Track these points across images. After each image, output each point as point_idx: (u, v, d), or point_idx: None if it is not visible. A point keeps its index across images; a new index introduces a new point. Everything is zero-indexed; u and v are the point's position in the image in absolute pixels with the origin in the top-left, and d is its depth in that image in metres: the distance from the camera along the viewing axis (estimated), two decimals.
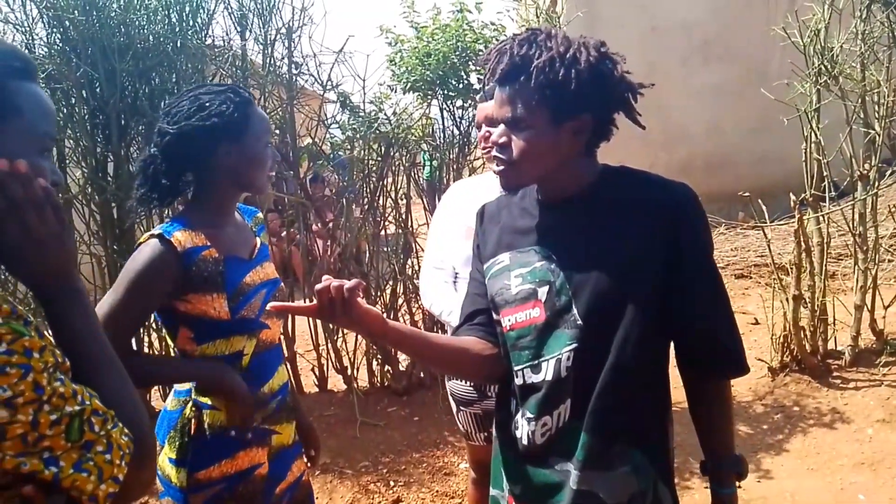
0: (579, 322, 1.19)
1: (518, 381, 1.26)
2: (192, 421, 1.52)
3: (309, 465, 1.81)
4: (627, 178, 1.27)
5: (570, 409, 1.21)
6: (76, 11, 3.21)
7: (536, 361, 1.23)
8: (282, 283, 1.71)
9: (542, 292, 1.23)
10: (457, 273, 2.11)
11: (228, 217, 1.61)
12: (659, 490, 1.24)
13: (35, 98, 0.90)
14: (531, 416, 1.24)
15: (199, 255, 1.47)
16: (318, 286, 1.12)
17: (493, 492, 1.39)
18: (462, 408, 2.18)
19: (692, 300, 1.21)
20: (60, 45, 3.34)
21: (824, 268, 3.73)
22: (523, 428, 1.26)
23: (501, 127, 1.22)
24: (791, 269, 3.72)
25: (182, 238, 1.47)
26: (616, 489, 1.19)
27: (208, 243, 1.50)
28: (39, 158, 0.89)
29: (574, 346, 1.19)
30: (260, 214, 1.79)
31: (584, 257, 1.21)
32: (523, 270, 1.26)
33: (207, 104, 1.50)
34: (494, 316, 1.32)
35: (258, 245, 1.67)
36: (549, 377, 1.21)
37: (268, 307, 1.20)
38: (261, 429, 1.59)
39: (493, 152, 1.24)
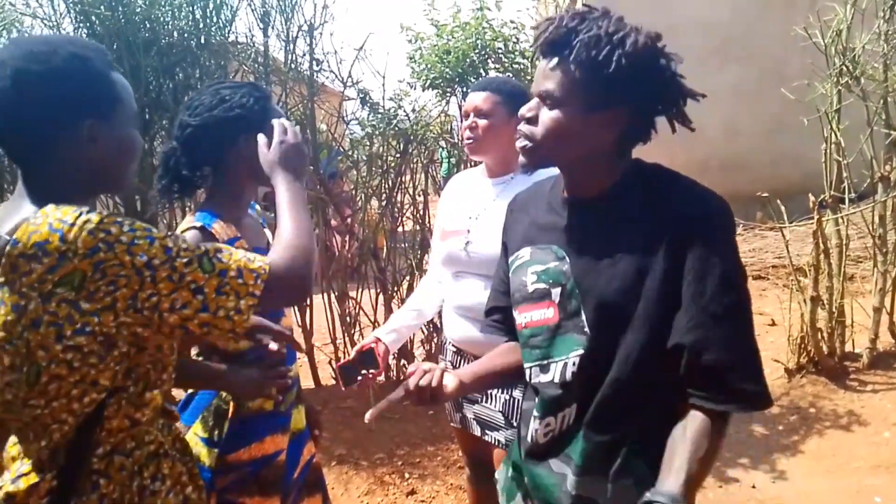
0: (586, 329, 1.17)
1: (526, 377, 1.26)
2: (231, 403, 1.56)
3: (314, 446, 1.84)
4: (655, 181, 1.18)
5: (575, 414, 1.19)
6: (102, 7, 3.27)
7: (545, 362, 1.22)
8: None
9: (556, 293, 1.20)
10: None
11: (246, 210, 1.65)
12: None
13: (124, 85, 1.11)
14: (537, 414, 1.24)
15: (233, 246, 1.50)
16: (410, 382, 1.29)
17: (511, 473, 1.41)
18: None
19: (689, 323, 1.09)
20: (87, 39, 3.40)
21: (843, 270, 3.72)
22: (530, 425, 1.26)
23: (534, 100, 1.17)
24: (809, 270, 3.71)
25: (219, 229, 1.50)
26: (616, 499, 1.16)
27: (239, 234, 1.54)
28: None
29: (580, 352, 1.17)
30: (259, 207, 1.81)
31: (594, 263, 1.16)
32: (539, 268, 1.24)
33: (228, 97, 1.54)
34: (513, 311, 1.30)
35: (269, 237, 1.72)
36: (556, 379, 1.20)
37: (368, 416, 1.33)
38: (284, 415, 1.63)
39: (520, 126, 1.19)
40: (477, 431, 2.05)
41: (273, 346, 1.48)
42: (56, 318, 0.95)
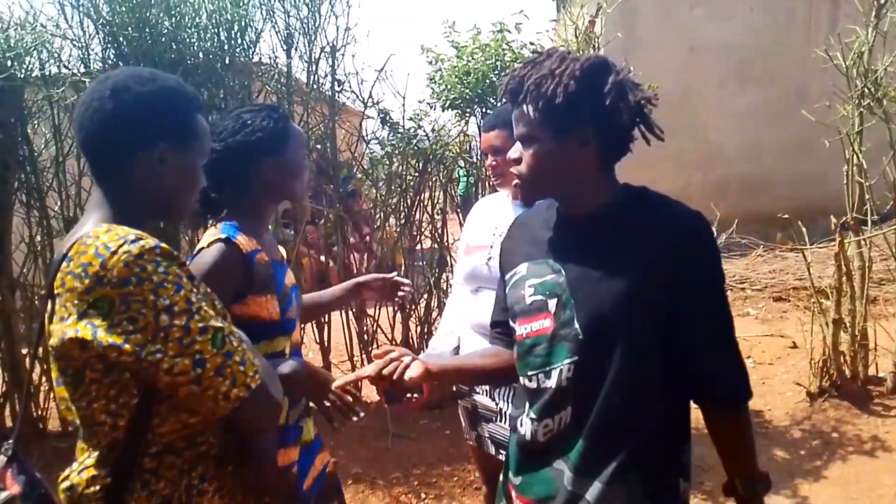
0: (580, 336, 1.24)
1: (532, 384, 1.32)
2: None
3: (332, 462, 1.87)
4: (643, 200, 1.30)
5: (571, 416, 1.27)
6: (130, 28, 3.34)
7: (547, 368, 1.29)
8: (299, 288, 1.81)
9: (552, 304, 1.28)
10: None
11: (266, 226, 1.72)
12: None
13: (205, 128, 1.22)
14: (534, 416, 1.31)
15: (256, 258, 1.56)
16: (375, 368, 1.28)
17: (502, 478, 1.48)
18: (458, 400, 2.21)
19: (691, 333, 1.23)
20: (114, 60, 3.47)
21: (865, 292, 3.67)
22: (526, 426, 1.33)
23: (517, 144, 1.31)
24: (831, 292, 3.67)
25: (244, 241, 1.55)
26: (605, 499, 1.23)
27: (259, 247, 1.58)
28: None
29: (574, 358, 1.25)
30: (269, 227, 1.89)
31: (588, 275, 1.25)
32: (536, 281, 1.32)
33: (250, 121, 1.61)
34: (511, 323, 1.39)
35: (284, 252, 1.79)
36: (554, 385, 1.28)
37: (333, 386, 1.41)
38: (294, 427, 1.67)
39: (511, 168, 1.33)
40: (492, 450, 2.05)
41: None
42: (81, 336, 1.02)
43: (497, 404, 2.02)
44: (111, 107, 1.11)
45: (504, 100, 1.33)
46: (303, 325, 1.66)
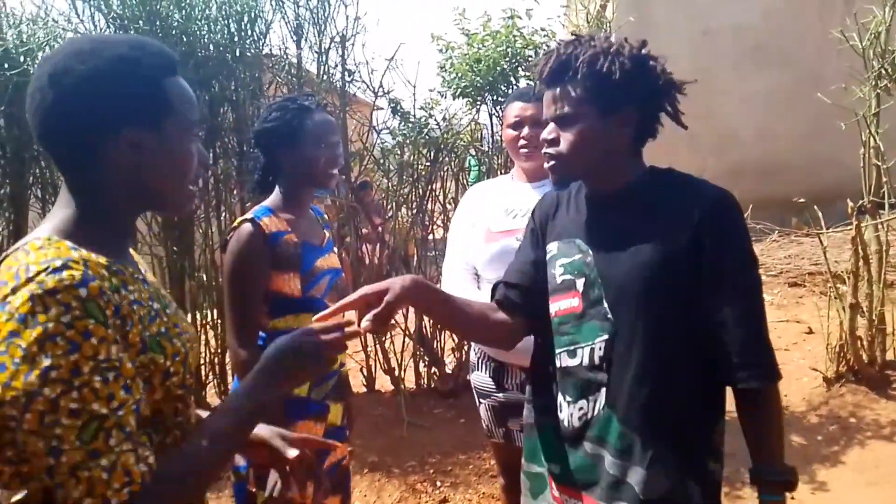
0: (609, 316, 1.26)
1: (558, 363, 1.33)
2: None
3: (349, 451, 1.97)
4: (669, 179, 1.31)
5: (605, 397, 1.27)
6: (141, 22, 3.36)
7: (573, 347, 1.31)
8: (342, 273, 1.93)
9: (580, 284, 1.30)
10: (479, 275, 2.10)
11: (304, 209, 1.86)
12: (689, 488, 1.23)
13: (181, 93, 0.96)
14: (570, 399, 1.31)
15: (282, 238, 1.73)
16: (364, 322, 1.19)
17: (536, 469, 1.44)
18: (482, 400, 2.19)
19: (716, 310, 1.21)
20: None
21: (883, 276, 3.63)
22: (564, 410, 1.33)
23: (551, 125, 1.31)
24: (847, 277, 3.63)
25: (268, 222, 1.73)
26: (649, 484, 1.22)
27: (289, 229, 1.75)
28: (194, 146, 0.98)
29: (605, 337, 1.26)
30: (325, 215, 2.04)
31: (615, 254, 1.27)
32: (565, 261, 1.34)
33: (274, 110, 1.79)
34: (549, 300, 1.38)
35: (327, 237, 1.93)
36: (585, 363, 1.28)
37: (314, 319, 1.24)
38: (319, 403, 1.77)
39: (545, 149, 1.32)
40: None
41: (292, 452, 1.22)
42: None
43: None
44: (52, 97, 0.89)
45: (539, 81, 1.33)
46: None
